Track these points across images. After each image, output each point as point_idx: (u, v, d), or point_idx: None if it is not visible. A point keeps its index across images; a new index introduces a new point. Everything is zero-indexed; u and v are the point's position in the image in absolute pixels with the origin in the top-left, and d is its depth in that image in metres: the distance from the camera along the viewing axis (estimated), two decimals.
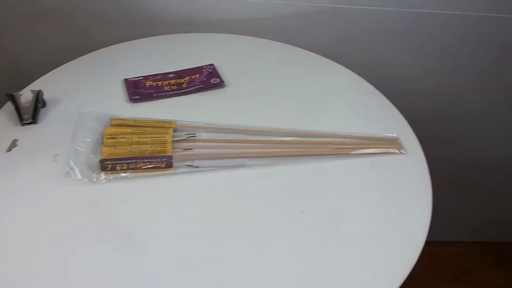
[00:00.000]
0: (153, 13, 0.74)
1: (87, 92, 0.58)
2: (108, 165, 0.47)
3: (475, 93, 0.84)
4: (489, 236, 1.15)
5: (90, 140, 0.50)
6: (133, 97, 0.57)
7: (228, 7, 0.73)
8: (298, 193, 0.47)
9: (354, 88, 0.62)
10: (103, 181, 0.46)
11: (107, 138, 0.50)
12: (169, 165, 0.48)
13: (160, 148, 0.49)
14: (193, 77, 0.61)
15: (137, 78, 0.60)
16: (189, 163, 0.49)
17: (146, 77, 0.61)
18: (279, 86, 0.61)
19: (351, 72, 0.64)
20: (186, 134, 0.52)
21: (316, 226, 0.43)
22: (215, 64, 0.63)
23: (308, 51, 0.69)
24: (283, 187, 0.47)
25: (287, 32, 0.75)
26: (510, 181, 1.00)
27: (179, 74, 0.62)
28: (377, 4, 0.71)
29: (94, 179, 0.46)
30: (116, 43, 0.68)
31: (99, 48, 0.67)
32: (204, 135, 0.52)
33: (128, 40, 0.69)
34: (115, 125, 0.52)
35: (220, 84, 0.60)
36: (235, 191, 0.47)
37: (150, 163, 0.47)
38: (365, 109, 0.58)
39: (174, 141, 0.50)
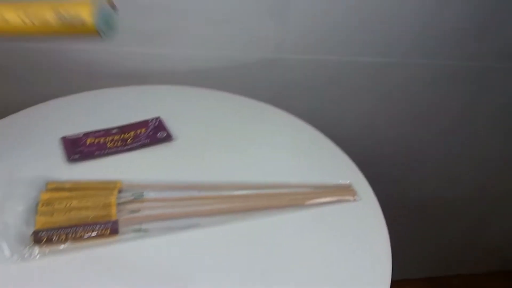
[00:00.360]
0: (92, 66, 0.71)
1: (18, 154, 0.53)
2: (43, 237, 0.42)
3: (417, 132, 0.88)
4: (440, 271, 1.18)
5: (21, 209, 0.45)
6: (72, 157, 0.53)
7: (170, 59, 0.72)
8: (255, 252, 0.44)
9: (302, 135, 0.63)
10: (37, 257, 0.41)
11: (42, 206, 0.45)
12: (114, 231, 0.44)
13: (103, 213, 0.45)
14: (138, 131, 0.58)
15: (76, 136, 0.56)
16: (137, 227, 0.45)
17: (86, 134, 0.57)
18: (227, 138, 0.60)
19: (297, 119, 0.65)
20: (133, 194, 0.48)
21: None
22: (162, 117, 0.61)
23: (254, 100, 0.69)
24: (239, 247, 0.45)
25: (231, 82, 0.75)
26: (455, 218, 1.05)
27: (123, 129, 0.59)
28: (318, 53, 0.74)
29: (26, 255, 0.41)
30: (51, 99, 0.64)
31: (34, 104, 0.62)
32: (152, 194, 0.49)
33: (67, 95, 0.65)
34: (52, 190, 0.47)
35: (168, 138, 0.57)
36: (188, 256, 0.43)
37: (93, 230, 0.43)
38: (315, 157, 0.58)
39: (119, 204, 0.47)
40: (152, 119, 0.60)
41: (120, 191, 0.48)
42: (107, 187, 0.49)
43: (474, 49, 0.76)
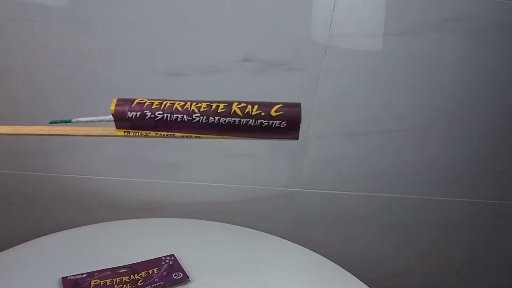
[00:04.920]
0: (98, 196, 0.67)
1: None
2: None
3: (439, 270, 0.83)
4: None
5: None
6: None
7: (182, 191, 0.69)
8: None
9: (322, 271, 0.57)
10: None
11: None
12: None
13: None
14: (150, 271, 0.51)
15: (79, 276, 0.49)
16: None
17: (90, 274, 0.50)
18: (247, 276, 0.53)
19: (317, 255, 0.60)
20: None
21: None
22: (176, 254, 0.55)
23: (271, 235, 0.65)
24: None
25: (248, 216, 0.71)
26: None
27: (134, 268, 0.52)
28: (335, 189, 0.73)
29: None
30: (54, 231, 0.58)
31: (34, 238, 0.56)
32: None
33: (70, 228, 0.60)
34: None
35: (184, 280, 0.51)
36: None
37: None
38: None
39: None
40: (166, 257, 0.54)
41: None
42: None
43: (493, 187, 0.76)
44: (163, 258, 0.54)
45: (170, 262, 0.53)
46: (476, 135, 0.72)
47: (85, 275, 0.50)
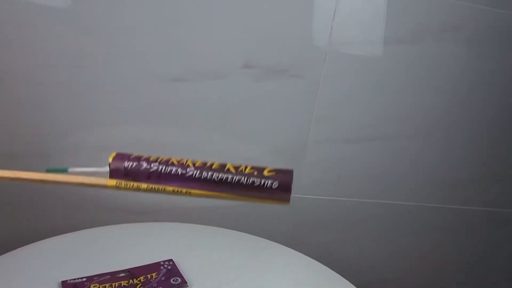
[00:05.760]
0: (98, 200, 0.68)
1: None
2: None
3: (437, 276, 0.83)
4: None
5: None
6: None
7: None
8: None
9: (319, 278, 0.57)
10: None
11: None
12: None
13: None
14: (149, 276, 0.52)
15: (78, 280, 0.50)
16: None
17: (90, 278, 0.50)
18: (246, 281, 0.54)
19: (314, 261, 0.61)
20: None
21: None
22: (175, 259, 0.55)
23: (270, 241, 0.65)
24: None
25: (247, 220, 0.72)
26: None
27: (133, 272, 0.52)
28: (334, 194, 0.73)
29: None
30: (54, 235, 0.59)
31: (34, 241, 0.57)
32: None
33: (69, 231, 0.60)
34: None
35: (182, 285, 0.51)
36: None
37: None
38: None
39: None
40: (164, 262, 0.55)
41: None
42: None
43: (494, 194, 0.77)
44: (162, 263, 0.54)
45: (169, 267, 0.54)
46: (475, 142, 0.73)
47: (84, 279, 0.50)
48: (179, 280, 0.51)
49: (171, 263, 0.55)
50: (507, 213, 0.79)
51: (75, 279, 0.50)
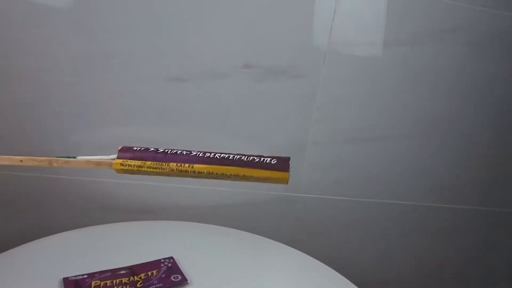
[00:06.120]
0: (100, 198, 0.69)
1: None
2: None
3: (435, 275, 0.84)
4: None
5: None
6: None
7: (183, 194, 0.70)
8: None
9: (318, 275, 0.58)
10: None
11: None
12: None
13: None
14: (149, 273, 0.52)
15: (80, 277, 0.50)
16: None
17: (91, 275, 0.51)
18: (245, 279, 0.54)
19: (316, 260, 0.61)
20: None
21: None
22: (175, 257, 0.56)
23: (270, 240, 0.66)
24: None
25: (247, 219, 0.73)
26: None
27: (133, 270, 0.53)
28: (332, 194, 0.74)
29: None
30: (56, 232, 0.60)
31: (36, 238, 0.57)
32: None
33: (71, 229, 0.61)
34: None
35: (182, 282, 0.52)
36: None
37: None
38: None
39: None
40: (165, 259, 0.55)
41: None
42: None
43: (493, 194, 0.77)
44: (162, 261, 0.55)
45: (169, 265, 0.54)
46: (472, 142, 0.73)
47: (85, 276, 0.51)
48: (180, 278, 0.52)
49: (171, 260, 0.55)
50: (506, 213, 0.79)
51: (76, 276, 0.50)
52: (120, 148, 0.30)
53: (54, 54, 0.59)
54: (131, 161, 0.30)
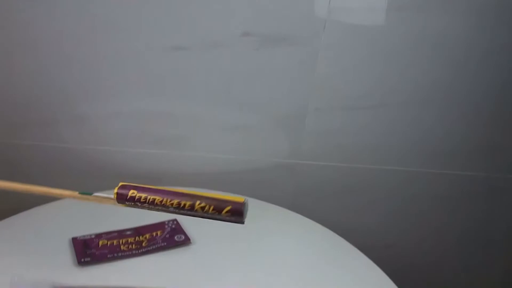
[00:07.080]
0: (106, 167, 0.71)
1: (26, 253, 0.49)
2: None
3: (436, 241, 0.85)
4: None
5: None
6: (82, 260, 0.48)
7: (187, 161, 0.72)
8: None
9: (319, 237, 0.60)
10: None
11: None
12: None
13: None
14: (154, 234, 0.55)
15: (88, 236, 0.53)
16: None
17: (98, 235, 0.54)
18: (247, 241, 0.57)
19: (317, 224, 0.63)
20: None
21: None
22: (178, 219, 0.58)
23: (271, 204, 0.68)
24: None
25: (249, 185, 0.74)
26: None
27: (138, 230, 0.55)
28: (332, 160, 0.75)
29: None
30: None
31: (46, 203, 0.60)
32: None
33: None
34: None
35: (185, 242, 0.54)
36: None
37: None
38: (337, 261, 0.55)
39: None
40: (169, 221, 0.58)
41: None
42: None
43: (493, 160, 0.78)
44: (166, 222, 0.57)
45: (173, 226, 0.57)
46: (471, 109, 0.73)
47: (93, 236, 0.53)
48: (183, 238, 0.54)
49: (175, 222, 0.58)
50: (506, 178, 0.80)
51: (84, 236, 0.53)
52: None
53: (58, 24, 0.61)
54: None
